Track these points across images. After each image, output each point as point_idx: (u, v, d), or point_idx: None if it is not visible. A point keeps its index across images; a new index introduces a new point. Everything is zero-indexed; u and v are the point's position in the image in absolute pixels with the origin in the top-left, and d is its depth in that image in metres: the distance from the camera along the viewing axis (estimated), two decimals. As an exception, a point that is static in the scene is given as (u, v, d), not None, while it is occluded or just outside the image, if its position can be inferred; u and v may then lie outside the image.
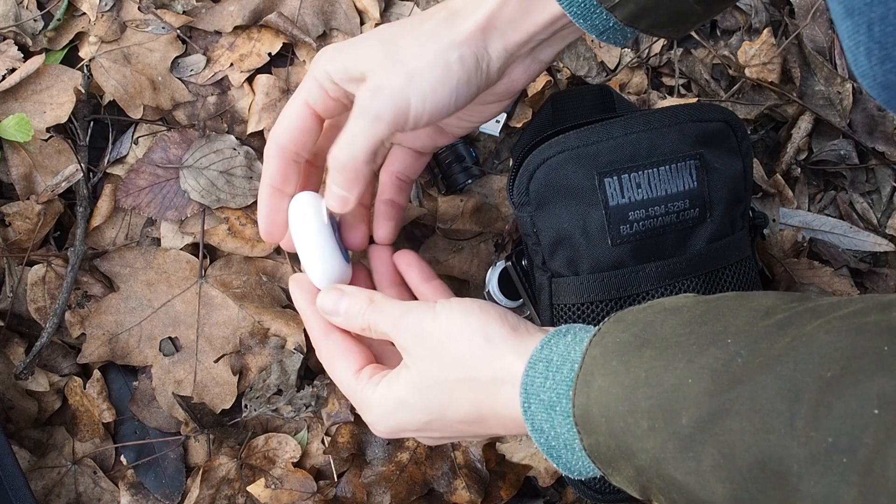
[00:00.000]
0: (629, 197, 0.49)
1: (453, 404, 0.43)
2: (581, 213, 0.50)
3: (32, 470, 0.61)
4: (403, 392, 0.44)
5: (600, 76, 0.72)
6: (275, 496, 0.61)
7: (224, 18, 0.69)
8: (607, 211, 0.49)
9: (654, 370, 0.35)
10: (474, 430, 0.44)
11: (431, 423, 0.44)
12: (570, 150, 0.49)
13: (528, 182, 0.50)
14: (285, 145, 0.50)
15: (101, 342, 0.63)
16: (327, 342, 0.50)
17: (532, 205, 0.51)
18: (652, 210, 0.49)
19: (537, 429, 0.39)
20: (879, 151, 0.72)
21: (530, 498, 0.64)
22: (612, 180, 0.49)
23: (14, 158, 0.65)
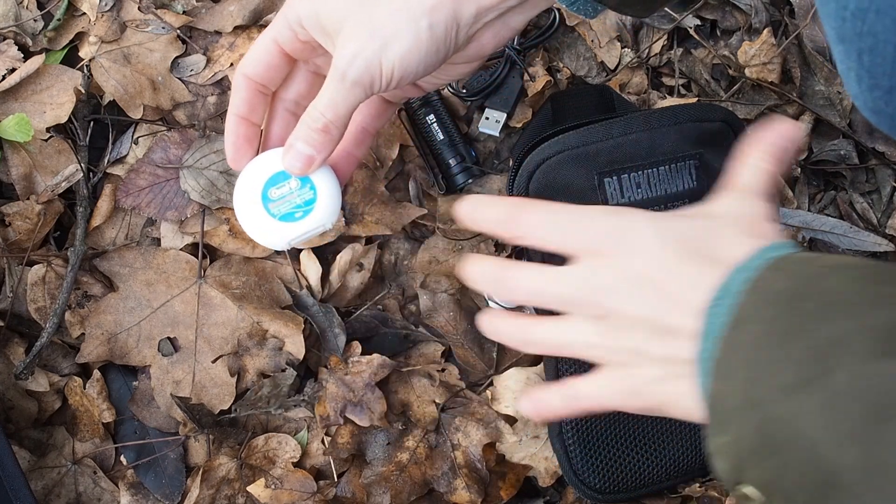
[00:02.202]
0: (629, 197, 0.49)
1: None
2: None
3: (32, 470, 0.61)
4: None
5: (600, 76, 0.72)
6: (275, 496, 0.61)
7: (224, 18, 0.69)
8: None
9: (811, 322, 0.33)
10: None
11: None
12: (570, 150, 0.49)
13: (527, 182, 0.50)
14: (252, 76, 0.50)
15: (100, 342, 0.63)
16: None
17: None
18: (652, 210, 0.49)
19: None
20: (879, 151, 0.72)
21: (530, 498, 0.64)
22: (612, 180, 0.49)
23: (14, 158, 0.65)
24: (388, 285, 0.67)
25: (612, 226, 0.43)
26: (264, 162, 0.49)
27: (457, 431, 0.63)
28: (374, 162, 0.68)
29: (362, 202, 0.67)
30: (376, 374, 0.63)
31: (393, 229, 0.66)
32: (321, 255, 0.66)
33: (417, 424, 0.63)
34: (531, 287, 0.45)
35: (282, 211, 0.49)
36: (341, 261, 0.66)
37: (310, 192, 0.49)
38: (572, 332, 0.45)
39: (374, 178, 0.68)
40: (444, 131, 0.67)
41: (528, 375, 0.63)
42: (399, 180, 0.69)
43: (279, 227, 0.49)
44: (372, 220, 0.67)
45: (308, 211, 0.49)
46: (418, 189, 0.68)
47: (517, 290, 0.46)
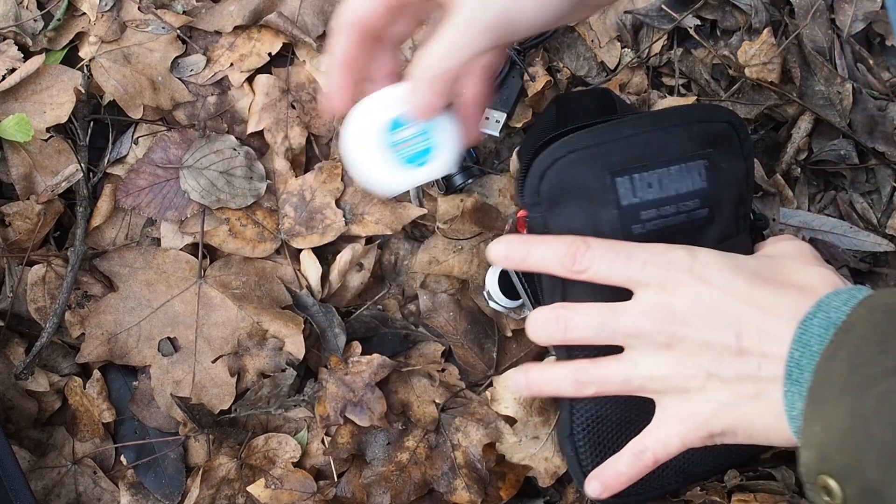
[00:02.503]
0: (641, 196, 0.49)
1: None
2: (593, 213, 0.49)
3: (32, 470, 0.61)
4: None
5: (600, 76, 0.72)
6: (275, 496, 0.61)
7: (224, 18, 0.69)
8: (620, 210, 0.49)
9: None
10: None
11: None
12: (581, 150, 0.49)
13: (538, 182, 0.50)
14: (356, 24, 0.47)
15: (100, 342, 0.63)
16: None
17: (544, 205, 0.50)
18: (663, 209, 0.49)
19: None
20: (879, 151, 0.72)
21: (530, 498, 0.64)
22: (624, 179, 0.49)
23: (14, 158, 0.65)
24: (388, 285, 0.67)
25: (678, 257, 0.45)
26: (378, 105, 0.47)
27: (457, 431, 0.63)
28: (374, 162, 0.68)
29: (362, 202, 0.67)
30: (376, 374, 0.63)
31: (393, 229, 0.66)
32: (321, 255, 0.67)
33: (417, 424, 0.63)
34: (594, 322, 0.46)
35: (405, 155, 0.48)
36: (341, 261, 0.66)
37: (431, 136, 0.48)
38: (642, 366, 0.46)
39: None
40: None
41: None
42: (399, 180, 0.69)
43: (403, 172, 0.48)
44: (372, 220, 0.67)
45: (430, 157, 0.48)
46: (418, 189, 0.68)
47: (581, 327, 0.46)
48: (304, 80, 0.69)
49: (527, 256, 0.49)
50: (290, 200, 0.67)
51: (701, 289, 0.44)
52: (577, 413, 0.54)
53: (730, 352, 0.43)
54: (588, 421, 0.53)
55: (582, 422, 0.54)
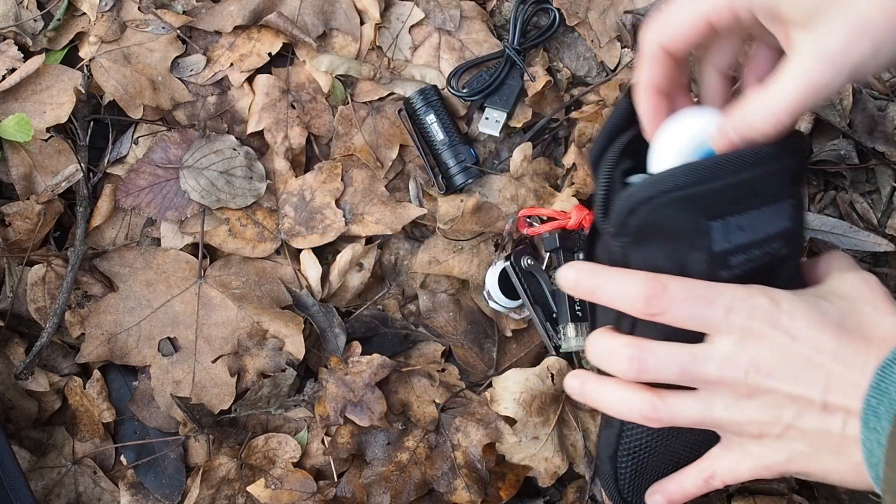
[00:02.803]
0: (733, 241, 0.46)
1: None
2: (681, 256, 0.46)
3: (32, 470, 0.61)
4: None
5: (600, 76, 0.72)
6: (275, 496, 0.61)
7: (224, 18, 0.69)
8: (710, 256, 0.45)
9: None
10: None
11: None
12: (679, 191, 0.45)
13: (626, 216, 0.46)
14: (670, 49, 0.45)
15: (100, 342, 0.63)
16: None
17: (628, 237, 0.47)
18: (751, 253, 0.46)
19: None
20: (879, 151, 0.72)
21: (530, 498, 0.64)
22: (718, 224, 0.45)
23: (14, 158, 0.65)
24: (388, 285, 0.67)
25: (760, 305, 0.43)
26: (687, 129, 0.47)
27: (457, 431, 0.63)
28: (375, 162, 0.68)
29: (362, 202, 0.67)
30: (376, 374, 0.63)
31: (393, 229, 0.66)
32: (321, 255, 0.67)
33: (417, 424, 0.63)
34: (674, 369, 0.44)
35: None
36: (341, 261, 0.66)
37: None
38: (717, 410, 0.45)
39: (374, 178, 0.68)
40: (444, 131, 0.67)
41: (528, 377, 0.63)
42: (399, 180, 0.69)
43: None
44: (372, 220, 0.67)
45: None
46: (418, 189, 0.68)
47: (658, 371, 0.45)
48: (304, 80, 0.69)
49: (596, 289, 0.46)
50: (290, 200, 0.67)
51: (787, 343, 0.43)
52: (626, 437, 0.52)
53: (814, 406, 0.42)
54: (636, 448, 0.52)
55: (630, 446, 0.52)
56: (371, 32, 0.70)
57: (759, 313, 0.43)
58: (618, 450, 0.53)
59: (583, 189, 0.67)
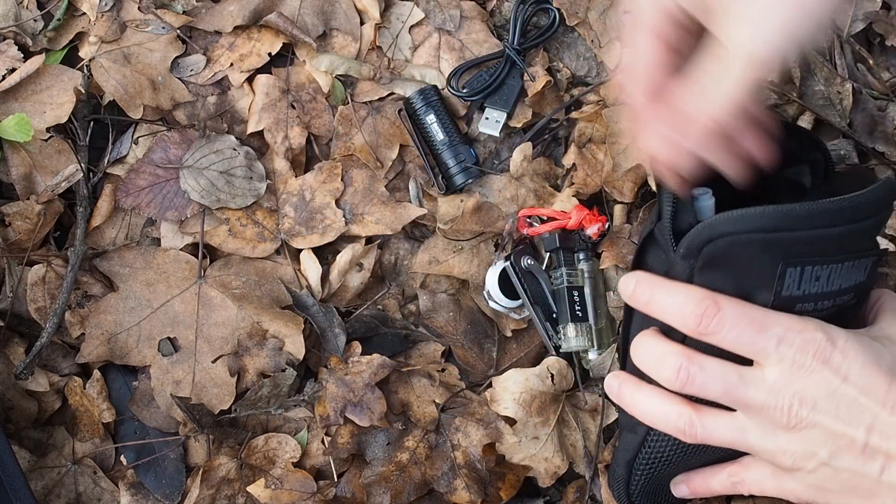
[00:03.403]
0: (804, 290, 0.45)
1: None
2: (748, 292, 0.45)
3: (32, 470, 0.61)
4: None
5: (600, 76, 0.72)
6: (275, 496, 0.61)
7: (224, 18, 0.69)
8: (776, 299, 0.44)
9: None
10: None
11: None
12: (764, 233, 0.43)
13: (703, 244, 0.45)
14: (648, 91, 0.44)
15: (100, 342, 0.63)
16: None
17: (699, 262, 0.46)
18: (821, 303, 0.45)
19: None
20: (879, 151, 0.72)
21: (530, 498, 0.64)
22: (795, 270, 0.44)
23: (14, 158, 0.65)
24: (388, 285, 0.67)
25: (815, 340, 0.43)
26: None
27: (457, 432, 0.63)
28: (375, 162, 0.68)
29: (362, 202, 0.67)
30: (376, 374, 0.63)
31: (393, 229, 0.67)
32: (321, 255, 0.67)
33: (417, 424, 0.63)
34: (719, 387, 0.44)
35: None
36: (341, 261, 0.66)
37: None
38: (752, 436, 0.44)
39: (374, 178, 0.68)
40: (444, 131, 0.67)
41: (527, 377, 0.63)
42: (399, 180, 0.69)
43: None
44: (372, 220, 0.67)
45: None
46: (418, 189, 0.68)
47: (704, 387, 0.44)
48: (304, 80, 0.69)
49: (651, 301, 0.46)
50: (290, 200, 0.67)
51: (838, 384, 0.42)
52: (648, 446, 0.52)
53: (855, 446, 0.42)
54: (657, 459, 0.52)
55: (650, 457, 0.52)
56: (371, 32, 0.70)
57: (812, 348, 0.43)
58: (637, 456, 0.53)
59: (583, 189, 0.67)
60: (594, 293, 0.64)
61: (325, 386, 0.63)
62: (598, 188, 0.67)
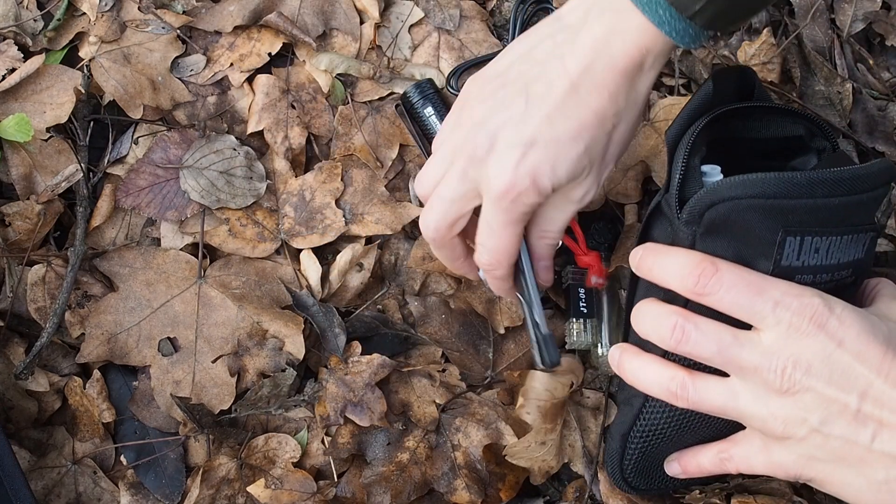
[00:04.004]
0: (804, 261, 0.45)
1: None
2: (747, 260, 0.46)
3: (32, 470, 0.61)
4: None
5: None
6: (275, 496, 0.61)
7: (224, 18, 0.69)
8: (776, 268, 0.45)
9: None
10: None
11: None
12: (765, 199, 0.44)
13: (704, 209, 0.46)
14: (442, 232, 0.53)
15: (100, 342, 0.63)
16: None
17: (700, 229, 0.47)
18: (819, 276, 0.46)
19: None
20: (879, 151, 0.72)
21: (530, 498, 0.64)
22: (794, 240, 0.45)
23: (14, 158, 0.65)
24: (388, 285, 0.67)
25: (813, 305, 0.43)
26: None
27: (457, 432, 0.63)
28: (375, 162, 0.68)
29: (362, 202, 0.67)
30: (376, 374, 0.63)
31: (393, 229, 0.66)
32: (321, 255, 0.67)
33: (418, 424, 0.63)
34: (714, 346, 0.44)
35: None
36: (341, 261, 0.66)
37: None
38: (744, 401, 0.45)
39: (374, 178, 0.68)
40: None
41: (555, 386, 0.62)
42: (399, 180, 0.69)
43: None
44: (372, 220, 0.67)
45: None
46: (418, 189, 0.68)
47: (698, 346, 0.45)
48: (304, 80, 0.69)
49: (653, 266, 0.47)
50: (290, 200, 0.67)
51: (833, 349, 0.42)
52: (643, 419, 0.52)
53: (846, 414, 0.42)
54: (650, 431, 0.52)
55: (644, 429, 0.52)
56: (371, 32, 0.70)
57: (809, 312, 0.43)
58: (631, 429, 0.53)
59: (587, 208, 0.67)
60: (610, 290, 0.64)
61: (325, 386, 0.63)
62: (603, 199, 0.67)
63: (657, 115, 0.70)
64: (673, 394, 0.46)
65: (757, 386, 0.44)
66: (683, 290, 0.45)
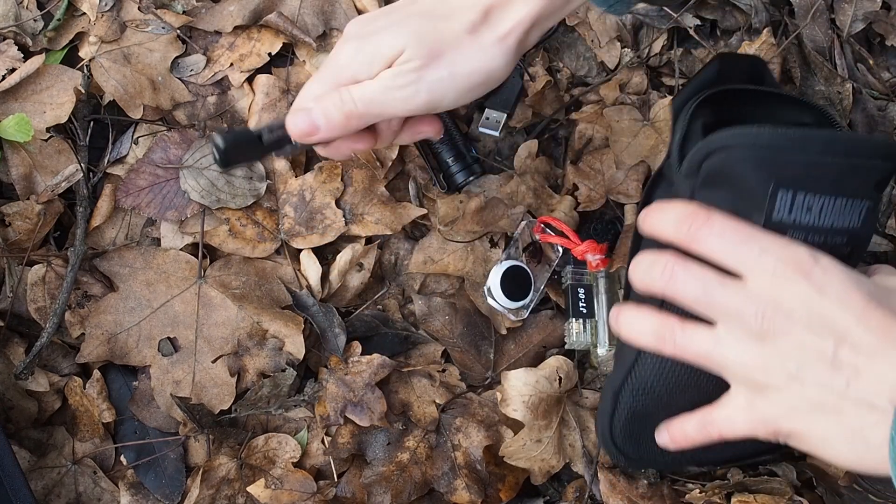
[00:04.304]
0: (795, 217, 0.46)
1: None
2: (741, 212, 0.46)
3: (32, 470, 0.61)
4: None
5: (600, 76, 0.72)
6: (275, 496, 0.61)
7: (224, 18, 0.69)
8: (767, 222, 0.46)
9: None
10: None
11: None
12: (759, 148, 0.46)
13: (702, 159, 0.48)
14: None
15: (100, 342, 0.63)
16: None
17: (698, 181, 0.49)
18: (811, 237, 0.46)
19: None
20: (879, 151, 0.72)
21: (530, 498, 0.64)
22: (786, 194, 0.46)
23: (14, 158, 0.65)
24: (388, 285, 0.67)
25: (798, 254, 0.44)
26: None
27: (457, 432, 0.63)
28: (374, 162, 0.68)
29: (362, 202, 0.67)
30: (376, 374, 0.63)
31: (393, 229, 0.66)
32: (321, 255, 0.67)
33: (418, 424, 0.63)
34: (699, 286, 0.45)
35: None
36: (341, 261, 0.66)
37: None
38: (727, 347, 0.45)
39: (374, 178, 0.68)
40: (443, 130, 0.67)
41: (538, 378, 0.63)
42: (399, 180, 0.69)
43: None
44: (372, 220, 0.67)
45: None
46: (418, 189, 0.68)
47: (685, 285, 0.46)
48: (304, 79, 0.69)
49: (653, 220, 0.48)
50: (290, 200, 0.67)
51: (814, 295, 0.43)
52: (633, 376, 0.53)
53: (823, 360, 0.42)
54: (640, 389, 0.53)
55: (634, 386, 0.53)
56: (371, 32, 0.70)
57: (794, 260, 0.44)
58: (622, 386, 0.53)
59: (589, 206, 0.67)
60: (609, 291, 0.64)
61: (325, 386, 0.63)
62: (603, 199, 0.67)
63: (657, 115, 0.70)
64: (661, 338, 0.47)
65: (739, 331, 0.45)
66: (677, 236, 0.46)
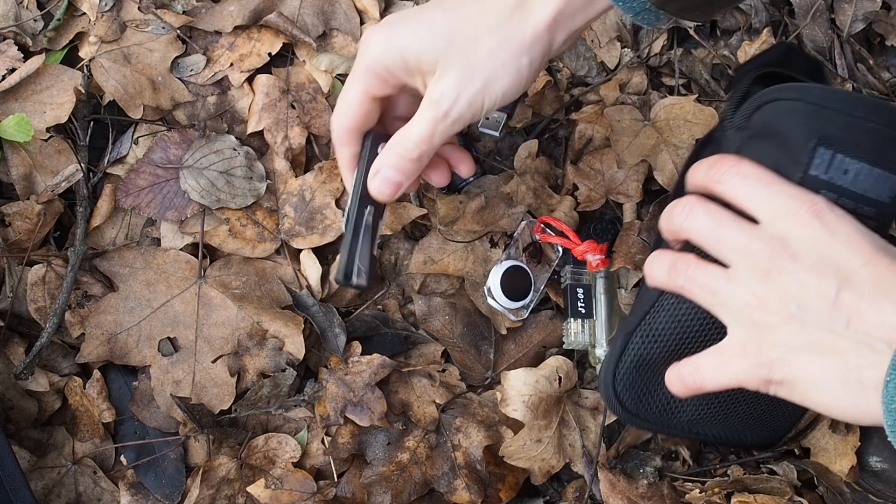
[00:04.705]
0: (830, 176, 0.47)
1: None
2: (782, 166, 0.48)
3: (32, 470, 0.61)
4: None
5: (600, 76, 0.72)
6: (275, 496, 0.61)
7: (224, 18, 0.69)
8: (803, 177, 0.47)
9: None
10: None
11: None
12: (807, 103, 0.47)
13: (753, 111, 0.50)
14: (353, 129, 0.54)
15: (100, 342, 0.63)
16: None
17: (748, 133, 0.50)
18: (843, 200, 0.47)
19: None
20: (880, 151, 0.72)
21: (530, 498, 0.64)
22: (826, 152, 0.47)
23: (14, 158, 0.65)
24: (388, 285, 0.67)
25: (815, 200, 0.45)
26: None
27: (457, 432, 0.63)
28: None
29: (362, 202, 0.67)
30: (376, 374, 0.63)
31: (393, 229, 0.66)
32: (321, 255, 0.67)
33: (418, 424, 0.63)
34: (712, 222, 0.47)
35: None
36: (341, 261, 0.66)
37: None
38: (736, 282, 0.46)
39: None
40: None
41: (537, 378, 0.63)
42: (399, 180, 0.69)
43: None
44: (372, 220, 0.67)
45: None
46: (418, 189, 0.68)
47: (699, 221, 0.48)
48: (304, 80, 0.69)
49: (692, 175, 0.50)
50: (290, 200, 0.67)
51: (824, 236, 0.44)
52: (647, 320, 0.53)
53: (824, 300, 0.43)
54: (651, 334, 0.53)
55: (647, 330, 0.53)
56: (371, 32, 0.70)
57: (810, 203, 0.45)
58: (636, 329, 0.54)
59: (589, 206, 0.67)
60: (608, 292, 0.64)
61: (325, 386, 0.63)
62: (602, 199, 0.67)
63: (658, 114, 0.70)
64: (675, 268, 0.49)
65: (746, 270, 0.45)
66: (707, 179, 0.48)
